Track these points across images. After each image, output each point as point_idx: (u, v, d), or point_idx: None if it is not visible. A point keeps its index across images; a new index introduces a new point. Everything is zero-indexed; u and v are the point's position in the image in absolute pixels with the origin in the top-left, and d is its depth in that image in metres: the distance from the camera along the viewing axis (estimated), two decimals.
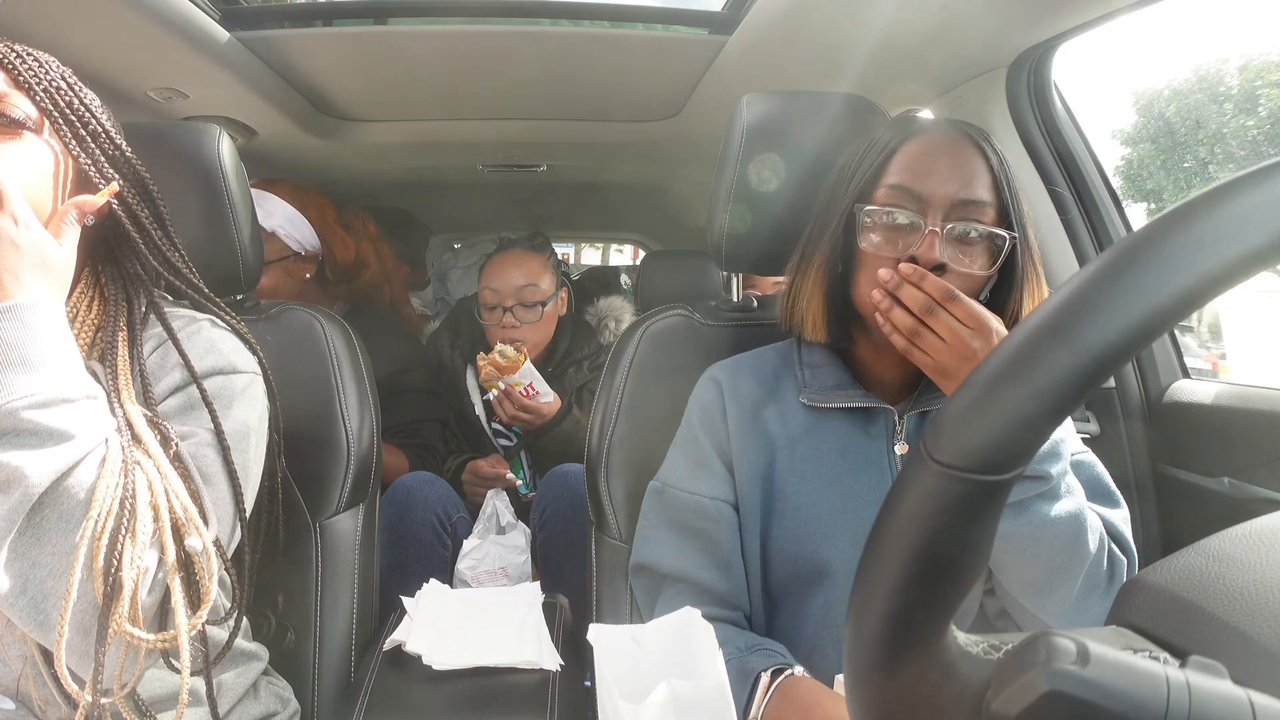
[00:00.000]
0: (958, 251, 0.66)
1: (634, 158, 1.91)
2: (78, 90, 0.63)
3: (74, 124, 0.62)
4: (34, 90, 0.60)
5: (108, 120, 0.66)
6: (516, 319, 1.45)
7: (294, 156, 1.66)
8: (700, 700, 0.49)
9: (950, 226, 0.66)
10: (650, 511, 0.78)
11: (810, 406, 0.74)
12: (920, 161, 0.68)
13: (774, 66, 1.20)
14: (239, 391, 0.68)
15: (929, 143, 0.69)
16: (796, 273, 0.76)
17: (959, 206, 0.66)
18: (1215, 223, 0.24)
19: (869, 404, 0.73)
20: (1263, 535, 0.32)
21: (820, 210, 0.75)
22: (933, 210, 0.66)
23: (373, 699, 0.71)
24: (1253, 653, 0.26)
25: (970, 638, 0.29)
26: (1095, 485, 0.70)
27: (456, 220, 2.67)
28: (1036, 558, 0.62)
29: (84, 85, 0.65)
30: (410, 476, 1.32)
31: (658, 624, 0.57)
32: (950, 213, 0.66)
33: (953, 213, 0.66)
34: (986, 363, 0.27)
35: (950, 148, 0.68)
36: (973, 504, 0.26)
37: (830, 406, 0.74)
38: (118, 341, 0.63)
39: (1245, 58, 3.64)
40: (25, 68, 0.60)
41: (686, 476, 0.76)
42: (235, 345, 0.70)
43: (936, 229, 0.65)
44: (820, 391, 0.74)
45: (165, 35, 1.00)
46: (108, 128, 0.64)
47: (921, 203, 0.67)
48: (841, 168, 0.74)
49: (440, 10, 1.15)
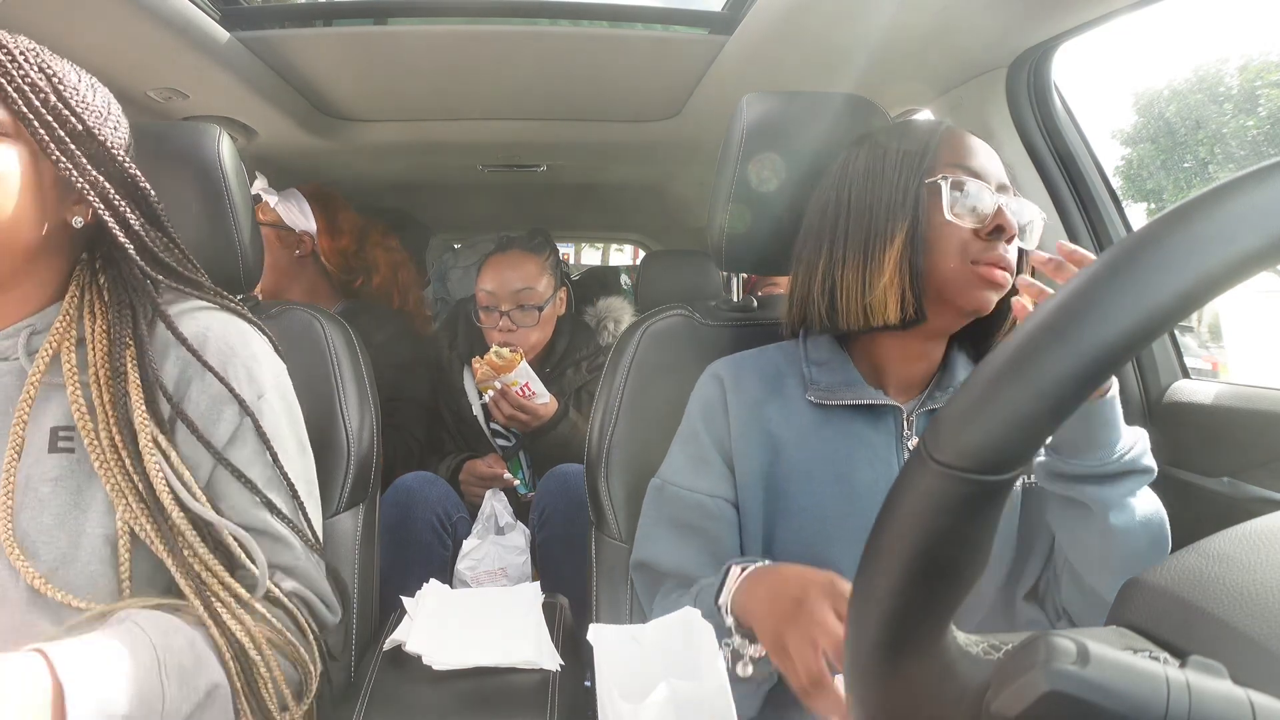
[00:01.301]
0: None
1: (634, 158, 1.91)
2: (58, 85, 0.59)
3: (50, 126, 0.58)
4: (4, 90, 0.56)
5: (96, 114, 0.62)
6: (513, 322, 1.44)
7: (294, 156, 1.66)
8: (700, 700, 0.49)
9: (1007, 200, 0.70)
10: (650, 509, 0.78)
11: (817, 404, 0.74)
12: (965, 143, 0.72)
13: (774, 67, 1.20)
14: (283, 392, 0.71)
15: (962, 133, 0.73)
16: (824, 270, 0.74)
17: (1002, 188, 0.70)
18: (1215, 223, 0.24)
19: (878, 401, 0.73)
20: (1263, 535, 0.32)
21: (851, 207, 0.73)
22: (990, 186, 0.70)
23: (373, 699, 0.71)
24: (1253, 653, 0.26)
25: (970, 638, 0.29)
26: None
27: (456, 220, 2.67)
28: (1136, 540, 0.64)
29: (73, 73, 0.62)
30: (410, 476, 1.32)
31: (658, 624, 0.57)
32: (999, 192, 0.70)
33: (1001, 192, 0.70)
34: (987, 363, 0.27)
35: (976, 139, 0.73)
36: (973, 504, 0.26)
37: (838, 404, 0.74)
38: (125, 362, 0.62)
39: (1245, 58, 3.64)
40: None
41: (687, 473, 0.76)
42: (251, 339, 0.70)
43: (1002, 203, 0.69)
44: (827, 389, 0.74)
45: (165, 35, 1.00)
46: (91, 125, 0.61)
47: (985, 178, 0.70)
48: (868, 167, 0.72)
49: (440, 10, 1.14)
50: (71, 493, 0.61)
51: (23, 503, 0.60)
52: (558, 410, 1.40)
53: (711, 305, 0.95)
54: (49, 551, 0.59)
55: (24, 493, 0.60)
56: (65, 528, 0.60)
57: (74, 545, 0.60)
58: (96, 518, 0.61)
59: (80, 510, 0.61)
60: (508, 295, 1.44)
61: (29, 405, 0.61)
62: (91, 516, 0.61)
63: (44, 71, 0.59)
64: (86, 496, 0.61)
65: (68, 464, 0.61)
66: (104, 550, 0.61)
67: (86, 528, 0.60)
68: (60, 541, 0.59)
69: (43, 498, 0.60)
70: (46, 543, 0.59)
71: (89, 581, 0.60)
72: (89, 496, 0.61)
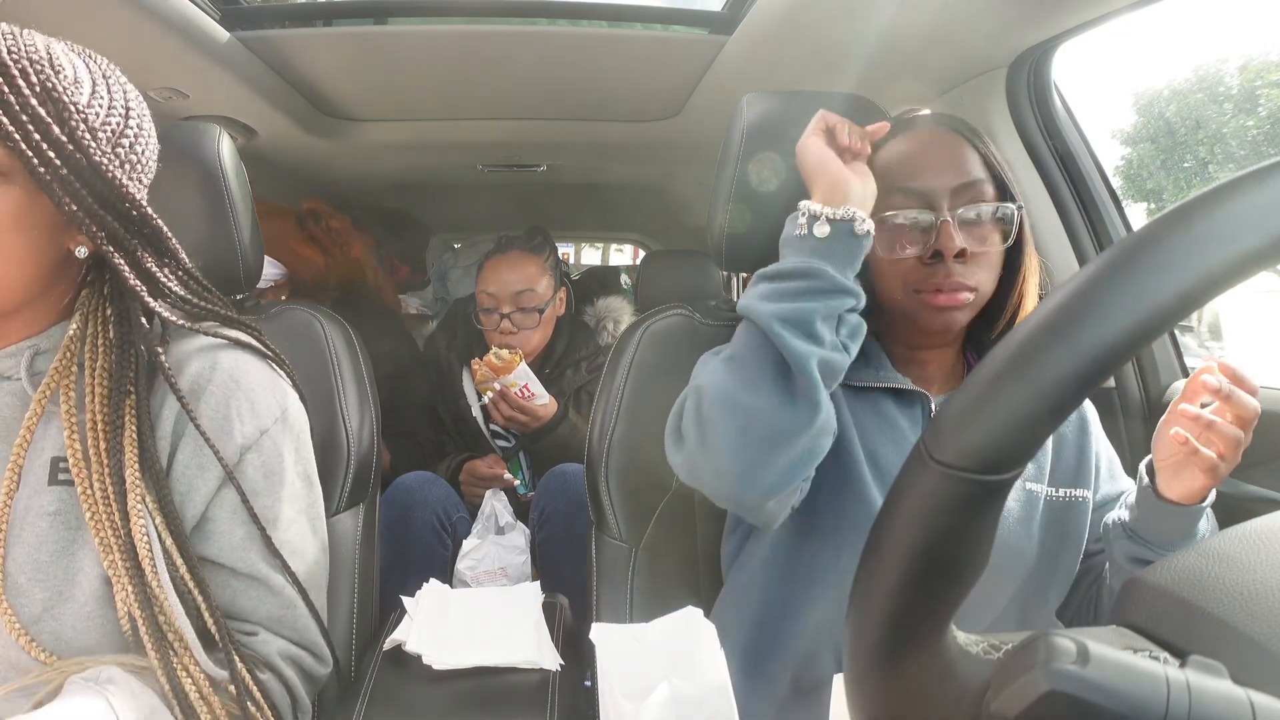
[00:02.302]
0: (971, 235, 0.68)
1: (634, 158, 1.91)
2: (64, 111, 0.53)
3: (52, 164, 0.52)
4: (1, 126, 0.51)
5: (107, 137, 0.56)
6: (514, 324, 1.44)
7: (294, 156, 1.66)
8: (702, 700, 0.50)
9: (960, 211, 0.67)
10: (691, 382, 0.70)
11: (848, 386, 0.74)
12: (912, 159, 0.70)
13: (774, 66, 1.20)
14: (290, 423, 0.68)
15: (914, 139, 0.71)
16: None
17: (961, 190, 0.68)
18: (1215, 223, 0.24)
19: (907, 386, 0.73)
20: (1263, 535, 0.32)
21: None
22: (938, 201, 0.68)
23: (373, 699, 0.71)
24: (1253, 653, 0.26)
25: (970, 637, 0.29)
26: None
27: (456, 220, 2.67)
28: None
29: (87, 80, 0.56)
30: (410, 476, 1.32)
31: (660, 623, 0.58)
32: (955, 199, 0.68)
33: (957, 198, 0.68)
34: (987, 362, 0.27)
35: (934, 138, 0.71)
36: (973, 504, 0.26)
37: (869, 386, 0.74)
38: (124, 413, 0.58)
39: (1245, 58, 3.64)
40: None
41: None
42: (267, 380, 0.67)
43: (948, 218, 0.67)
44: (858, 371, 0.74)
45: (165, 35, 1.00)
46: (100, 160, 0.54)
47: (926, 197, 0.68)
48: None
49: (440, 10, 1.14)
50: (70, 528, 0.58)
51: (18, 537, 0.57)
52: (557, 412, 1.40)
53: (711, 305, 0.95)
54: (43, 589, 0.57)
55: (20, 526, 0.57)
56: (61, 564, 0.57)
57: (69, 583, 0.57)
58: (95, 555, 0.58)
59: (80, 546, 0.58)
60: (508, 297, 1.44)
61: (30, 434, 0.58)
62: (90, 554, 0.58)
63: (49, 94, 0.53)
64: (86, 533, 0.58)
65: (68, 497, 0.58)
66: (102, 590, 0.58)
67: (85, 565, 0.58)
68: (56, 579, 0.57)
69: (40, 533, 0.57)
70: (41, 580, 0.57)
71: (84, 621, 0.57)
72: (88, 533, 0.58)
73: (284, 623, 0.66)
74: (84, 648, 0.58)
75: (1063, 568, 0.73)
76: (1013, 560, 0.71)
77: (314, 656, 0.68)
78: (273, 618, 0.65)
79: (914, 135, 0.72)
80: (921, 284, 0.68)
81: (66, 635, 0.57)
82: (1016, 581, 0.72)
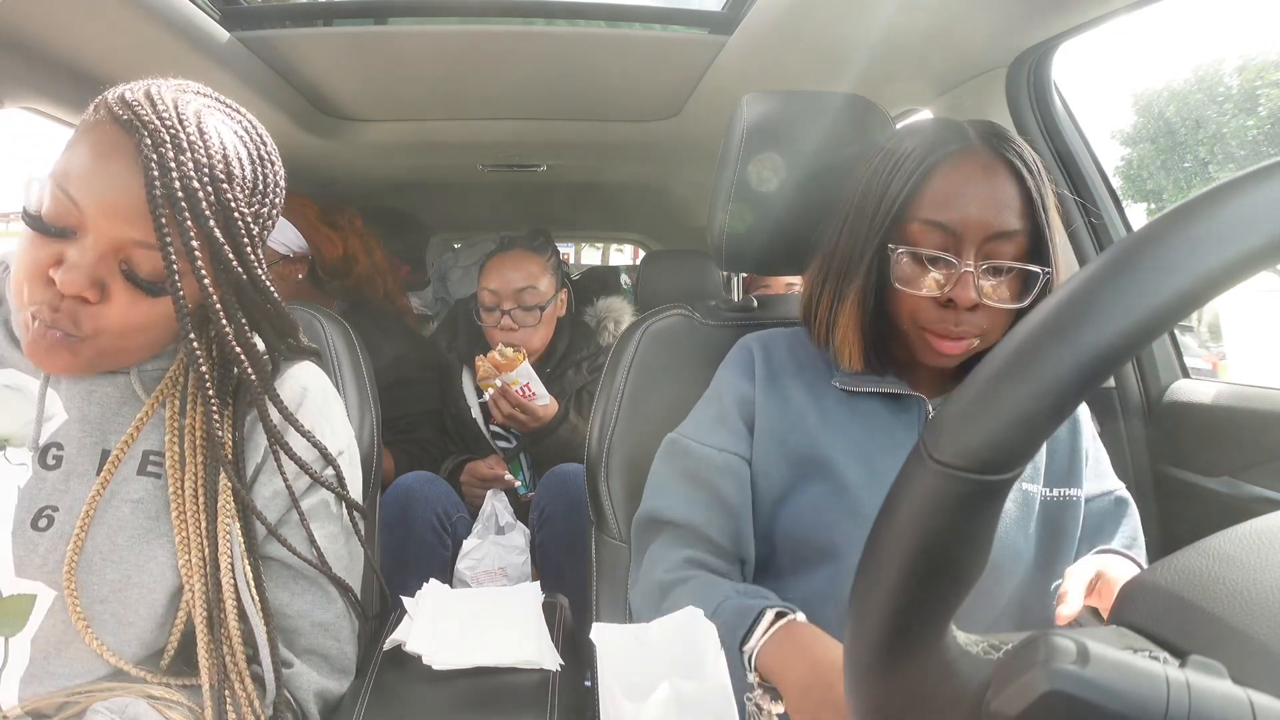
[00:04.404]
0: (990, 286, 0.66)
1: (634, 158, 1.91)
2: (234, 224, 0.57)
3: (218, 286, 0.57)
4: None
5: (258, 236, 0.60)
6: (515, 322, 1.45)
7: (294, 156, 1.64)
8: (703, 700, 0.50)
9: (983, 265, 0.65)
10: (661, 463, 0.78)
11: (843, 390, 0.75)
12: (952, 192, 0.66)
13: (774, 66, 1.20)
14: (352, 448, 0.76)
15: (961, 170, 0.67)
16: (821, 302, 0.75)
17: (991, 240, 0.65)
18: (1215, 223, 0.24)
19: (902, 391, 0.73)
20: (1263, 535, 0.32)
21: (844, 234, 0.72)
22: (966, 246, 0.65)
23: (373, 699, 0.71)
24: (1253, 653, 0.26)
25: (970, 637, 0.29)
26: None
27: (456, 220, 2.67)
28: None
29: (250, 182, 0.61)
30: (410, 476, 1.32)
31: (661, 623, 0.58)
32: (982, 248, 0.65)
33: (984, 247, 0.65)
34: (987, 362, 0.27)
35: (983, 175, 0.66)
36: (973, 504, 0.26)
37: (863, 391, 0.74)
38: (223, 421, 0.62)
39: (1245, 58, 3.64)
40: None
41: (703, 430, 0.77)
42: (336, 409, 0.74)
43: (970, 269, 0.64)
44: (853, 376, 0.75)
45: (165, 35, 1.00)
46: (257, 271, 0.59)
47: (955, 238, 0.66)
48: (865, 189, 0.71)
49: (440, 10, 1.14)
50: (150, 518, 0.62)
51: (101, 519, 0.60)
52: (557, 413, 1.40)
53: (711, 305, 0.95)
54: (115, 571, 0.60)
55: (105, 509, 0.61)
56: (135, 550, 0.61)
57: (139, 569, 0.61)
58: (169, 546, 0.62)
59: (155, 537, 0.62)
60: (510, 294, 1.44)
61: (137, 433, 0.62)
62: (164, 547, 0.62)
63: (224, 209, 0.57)
64: (164, 524, 0.62)
65: (152, 489, 0.62)
66: (168, 583, 0.62)
67: (158, 555, 0.61)
68: (128, 564, 0.60)
69: (122, 518, 0.61)
70: (115, 562, 0.60)
71: (146, 609, 0.61)
72: (166, 524, 0.62)
73: (331, 630, 0.70)
74: (137, 637, 0.61)
75: (1059, 567, 0.73)
76: (1011, 560, 0.71)
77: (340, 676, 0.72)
78: (323, 624, 0.70)
79: (964, 165, 0.67)
80: (930, 324, 0.67)
81: (128, 619, 0.61)
82: (1015, 581, 0.72)
